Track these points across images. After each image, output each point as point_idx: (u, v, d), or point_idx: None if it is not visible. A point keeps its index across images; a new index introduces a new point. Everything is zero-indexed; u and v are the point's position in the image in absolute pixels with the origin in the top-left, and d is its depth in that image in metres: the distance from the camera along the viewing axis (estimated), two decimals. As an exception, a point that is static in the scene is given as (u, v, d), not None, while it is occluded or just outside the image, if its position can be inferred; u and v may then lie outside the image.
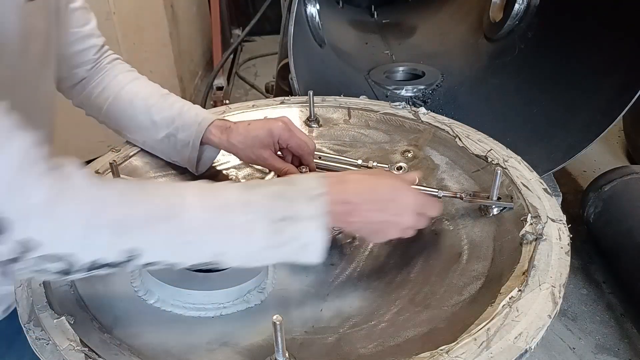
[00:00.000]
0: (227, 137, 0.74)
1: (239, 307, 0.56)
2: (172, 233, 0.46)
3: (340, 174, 0.56)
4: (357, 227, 0.55)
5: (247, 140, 0.73)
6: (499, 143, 0.77)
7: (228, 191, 0.50)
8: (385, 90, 1.58)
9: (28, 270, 0.43)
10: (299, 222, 0.49)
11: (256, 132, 0.73)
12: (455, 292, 0.56)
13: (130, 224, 0.45)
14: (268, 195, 0.50)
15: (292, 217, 0.49)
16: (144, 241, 0.45)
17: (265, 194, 0.50)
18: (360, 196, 0.53)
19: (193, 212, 0.47)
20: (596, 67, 1.27)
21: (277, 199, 0.49)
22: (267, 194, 0.50)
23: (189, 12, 2.71)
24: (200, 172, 0.78)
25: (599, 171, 1.70)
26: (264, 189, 0.50)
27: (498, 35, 1.60)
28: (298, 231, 0.49)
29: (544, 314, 0.48)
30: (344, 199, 0.52)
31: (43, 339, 0.50)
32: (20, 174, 0.41)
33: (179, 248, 0.47)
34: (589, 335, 1.38)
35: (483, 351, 0.45)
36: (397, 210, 0.55)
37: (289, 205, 0.49)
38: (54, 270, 0.44)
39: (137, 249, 0.45)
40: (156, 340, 0.52)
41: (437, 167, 0.78)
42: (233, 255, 0.49)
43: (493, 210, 0.65)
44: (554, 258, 0.55)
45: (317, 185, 0.51)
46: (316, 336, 0.52)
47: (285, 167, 0.73)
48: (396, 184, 0.56)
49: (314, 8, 1.60)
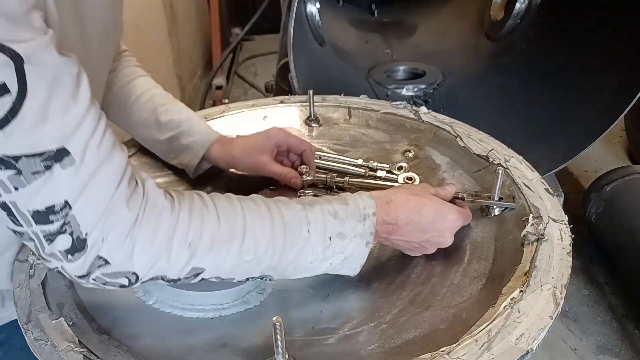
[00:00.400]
0: (227, 149, 0.75)
1: (239, 308, 0.56)
2: (233, 254, 0.49)
3: (388, 193, 0.58)
4: (397, 244, 0.59)
5: (246, 148, 0.74)
6: (500, 143, 0.77)
7: (290, 209, 0.52)
8: (386, 89, 1.58)
9: (96, 283, 0.46)
10: (347, 239, 0.53)
11: (254, 139, 0.75)
12: (457, 293, 0.56)
13: (199, 248, 0.47)
14: (324, 214, 0.52)
15: (343, 234, 0.52)
16: (208, 262, 0.48)
17: (322, 212, 0.52)
18: (405, 218, 0.56)
19: (254, 231, 0.49)
20: (598, 67, 1.27)
21: (332, 218, 0.52)
22: (324, 213, 0.52)
23: (188, 11, 2.70)
24: (194, 177, 0.78)
25: (601, 171, 1.69)
26: (321, 206, 0.53)
27: (499, 34, 1.60)
28: (345, 246, 0.53)
29: (545, 315, 0.48)
30: (390, 219, 0.55)
31: (42, 339, 0.50)
32: (116, 196, 0.43)
33: (237, 267, 0.50)
34: (590, 336, 1.38)
35: (484, 352, 0.45)
36: (439, 232, 0.58)
37: (342, 224, 0.52)
38: (119, 284, 0.47)
39: (200, 269, 0.48)
40: (155, 341, 0.52)
41: (438, 167, 0.77)
42: (283, 269, 0.52)
43: (494, 211, 0.65)
44: (555, 258, 0.54)
45: (368, 205, 0.54)
46: (316, 337, 0.52)
47: (284, 170, 0.73)
48: (441, 207, 0.58)
49: (314, 7, 1.60)
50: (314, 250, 0.52)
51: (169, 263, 0.46)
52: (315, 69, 1.47)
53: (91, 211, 0.43)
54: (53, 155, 0.40)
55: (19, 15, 0.38)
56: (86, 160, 0.42)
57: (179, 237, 0.46)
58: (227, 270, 0.50)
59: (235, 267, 0.50)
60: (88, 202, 0.42)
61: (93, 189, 0.42)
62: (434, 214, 0.57)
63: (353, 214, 0.53)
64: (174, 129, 0.76)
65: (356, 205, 0.54)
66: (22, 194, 0.41)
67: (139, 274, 0.46)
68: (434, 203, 0.58)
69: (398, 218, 0.55)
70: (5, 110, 0.38)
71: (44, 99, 0.39)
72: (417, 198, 0.57)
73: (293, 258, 0.51)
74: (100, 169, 0.43)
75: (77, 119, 0.41)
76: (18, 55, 0.37)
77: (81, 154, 0.42)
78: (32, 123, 0.39)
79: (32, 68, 0.38)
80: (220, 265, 0.49)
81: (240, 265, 0.50)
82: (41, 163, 0.40)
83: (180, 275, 0.48)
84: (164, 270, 0.47)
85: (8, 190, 0.40)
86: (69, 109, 0.41)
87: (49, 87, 0.39)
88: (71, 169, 0.41)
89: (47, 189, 0.41)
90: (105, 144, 0.43)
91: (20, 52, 0.37)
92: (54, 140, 0.40)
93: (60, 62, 0.41)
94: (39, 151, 0.40)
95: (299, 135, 0.89)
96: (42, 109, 0.39)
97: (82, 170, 0.42)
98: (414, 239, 0.58)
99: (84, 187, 0.42)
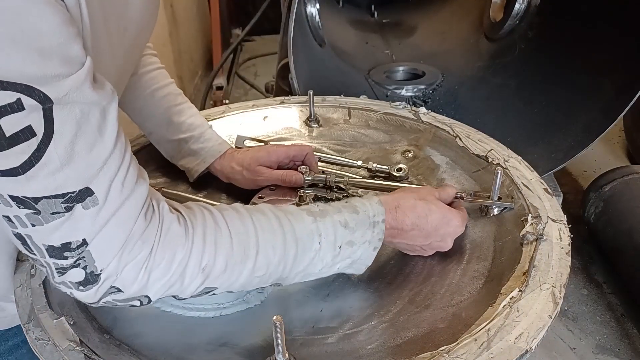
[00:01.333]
0: (228, 162, 0.75)
1: (239, 307, 0.56)
2: (246, 273, 0.49)
3: (396, 198, 0.58)
4: (398, 246, 0.60)
5: (245, 162, 0.74)
6: (499, 143, 0.77)
7: (301, 222, 0.52)
8: (386, 90, 1.58)
9: (107, 305, 0.46)
10: (355, 245, 0.53)
11: (254, 153, 0.75)
12: (456, 293, 0.56)
13: (213, 271, 0.47)
14: (335, 225, 0.53)
15: (353, 242, 0.53)
16: (221, 283, 0.49)
17: (333, 223, 0.53)
18: (411, 224, 0.57)
19: (266, 249, 0.49)
20: (597, 67, 1.27)
21: (343, 228, 0.53)
22: (335, 223, 0.53)
23: (189, 12, 2.70)
24: (193, 181, 0.78)
25: (600, 171, 1.69)
26: (332, 217, 0.53)
27: (499, 34, 1.60)
28: (353, 252, 0.54)
29: (544, 314, 0.48)
30: (397, 224, 0.56)
31: (43, 339, 0.50)
32: (133, 231, 0.42)
33: (249, 283, 0.50)
34: (589, 336, 1.38)
35: (483, 351, 0.45)
36: (442, 237, 0.59)
37: (352, 232, 0.53)
38: (131, 305, 0.46)
39: (212, 288, 0.49)
40: (156, 340, 0.52)
41: (437, 167, 0.78)
42: (292, 278, 0.53)
43: (494, 211, 0.65)
44: (554, 258, 0.55)
45: (377, 212, 0.55)
46: (316, 336, 0.52)
47: (283, 172, 0.73)
48: (446, 213, 0.59)
49: (314, 7, 1.60)
50: (323, 259, 0.52)
51: (182, 286, 0.47)
52: (315, 69, 1.47)
53: (108, 249, 0.42)
54: (75, 197, 0.39)
55: (55, 48, 0.35)
56: (109, 199, 0.41)
57: (193, 264, 0.46)
58: (239, 286, 0.50)
59: (247, 283, 0.50)
60: (106, 239, 0.41)
61: (112, 227, 0.41)
62: (439, 220, 0.58)
63: (363, 222, 0.54)
64: (186, 132, 0.75)
65: (366, 213, 0.54)
66: (38, 230, 0.39)
67: (152, 297, 0.46)
68: (439, 209, 0.59)
69: (404, 224, 0.56)
70: (29, 154, 0.36)
71: (71, 140, 0.37)
72: (424, 203, 0.58)
73: (303, 268, 0.52)
74: (123, 206, 0.42)
75: (103, 157, 0.40)
76: (48, 99, 0.35)
77: (105, 194, 0.40)
78: (57, 166, 0.37)
79: (61, 109, 0.36)
80: (233, 283, 0.49)
81: (252, 281, 0.50)
82: (62, 205, 0.39)
83: (192, 294, 0.48)
84: (177, 292, 0.47)
85: (24, 225, 0.39)
86: (94, 146, 0.39)
87: (76, 126, 0.38)
88: (94, 209, 0.40)
89: (66, 228, 0.40)
90: (129, 179, 0.42)
91: (51, 95, 0.35)
92: (78, 182, 0.39)
93: (93, 99, 0.39)
94: (61, 193, 0.38)
95: (298, 135, 0.89)
96: (69, 151, 0.37)
97: (104, 209, 0.40)
98: (416, 243, 0.59)
99: (104, 225, 0.41)
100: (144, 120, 0.77)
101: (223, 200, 0.76)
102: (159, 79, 0.77)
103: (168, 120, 0.75)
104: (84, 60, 0.38)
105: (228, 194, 0.77)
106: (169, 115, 0.75)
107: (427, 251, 0.60)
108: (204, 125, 0.77)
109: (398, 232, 0.57)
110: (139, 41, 0.60)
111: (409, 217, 0.56)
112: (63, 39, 0.36)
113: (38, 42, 0.34)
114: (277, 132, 0.90)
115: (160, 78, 0.77)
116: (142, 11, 0.54)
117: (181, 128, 0.75)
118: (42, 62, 0.35)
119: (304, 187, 0.73)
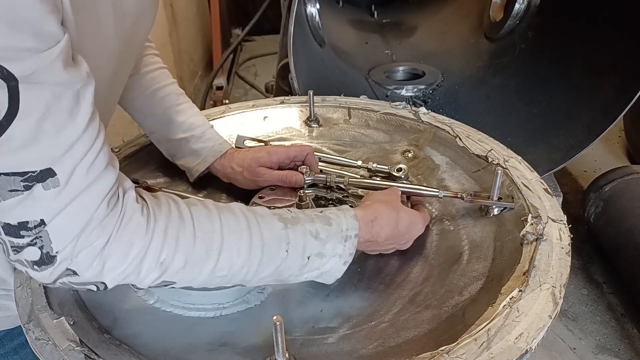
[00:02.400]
0: (228, 162, 0.75)
1: (239, 307, 0.56)
2: (206, 272, 0.48)
3: (372, 210, 0.58)
4: (368, 251, 0.61)
5: (245, 162, 0.73)
6: (499, 143, 0.77)
7: (270, 226, 0.51)
8: (386, 90, 1.58)
9: (63, 287, 0.45)
10: (325, 258, 0.53)
11: (254, 153, 0.74)
12: (456, 293, 0.56)
13: (171, 267, 0.46)
14: (306, 234, 0.52)
15: (322, 253, 0.52)
16: (179, 278, 0.48)
17: (304, 232, 0.52)
18: (385, 236, 0.58)
19: (230, 251, 0.49)
20: (597, 67, 1.27)
21: (313, 239, 0.52)
22: (305, 233, 0.52)
23: (189, 12, 2.70)
24: (193, 180, 0.78)
25: (600, 171, 1.70)
26: (303, 226, 0.52)
27: (498, 35, 1.60)
28: (322, 264, 0.53)
29: (544, 315, 0.48)
30: (372, 238, 0.57)
31: (43, 339, 0.50)
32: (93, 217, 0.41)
33: (209, 282, 0.50)
34: (589, 336, 1.38)
35: (483, 351, 0.45)
36: (406, 240, 0.61)
37: (322, 244, 0.52)
38: (87, 289, 0.45)
39: (171, 282, 0.48)
40: (155, 340, 0.52)
41: (437, 167, 0.78)
42: (257, 281, 0.52)
43: (494, 211, 0.65)
44: (554, 258, 0.55)
45: (351, 226, 0.54)
46: (316, 336, 0.52)
47: (283, 173, 0.72)
48: (412, 219, 0.61)
49: (314, 7, 1.60)
50: (290, 268, 0.52)
51: (139, 278, 0.46)
52: (315, 69, 1.47)
53: (66, 232, 0.41)
54: (36, 176, 0.38)
55: (27, 21, 0.34)
56: (72, 182, 0.39)
57: (151, 257, 0.45)
58: (199, 283, 0.49)
59: (208, 282, 0.49)
60: (65, 222, 0.40)
61: (73, 211, 0.40)
62: (407, 227, 0.60)
63: (335, 234, 0.53)
64: (187, 131, 0.75)
65: (339, 226, 0.53)
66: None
67: (108, 284, 0.45)
68: (407, 215, 0.60)
69: (379, 236, 0.57)
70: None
71: (38, 120, 0.36)
72: (395, 212, 0.59)
73: (268, 274, 0.51)
74: (85, 191, 0.40)
75: (70, 141, 0.39)
76: (11, 76, 0.34)
77: (67, 176, 0.39)
78: (19, 144, 0.36)
79: (28, 88, 0.35)
80: (192, 280, 0.49)
81: (213, 280, 0.50)
82: (21, 183, 0.37)
83: (150, 286, 0.47)
84: (134, 282, 0.46)
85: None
86: (64, 129, 0.38)
87: (45, 107, 0.36)
88: (54, 190, 0.39)
89: (23, 207, 0.38)
90: (97, 165, 0.41)
91: (16, 73, 0.34)
92: (40, 162, 0.38)
93: (64, 79, 0.37)
94: (20, 171, 0.37)
95: (298, 135, 0.89)
96: (34, 130, 0.36)
97: (65, 192, 0.39)
98: (384, 248, 0.60)
99: (64, 208, 0.40)
100: (145, 119, 0.77)
101: (223, 200, 0.76)
102: (160, 79, 0.76)
103: (169, 120, 0.75)
104: (60, 38, 0.37)
105: (228, 194, 0.77)
106: (170, 114, 0.75)
107: (388, 251, 0.62)
108: (205, 125, 0.77)
109: (372, 243, 0.58)
110: (139, 29, 0.59)
111: (384, 230, 0.57)
112: (37, 12, 0.35)
113: (10, 13, 0.33)
114: (277, 132, 0.90)
115: (162, 78, 0.77)
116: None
117: (182, 127, 0.75)
118: (11, 34, 0.34)
119: (304, 187, 0.73)
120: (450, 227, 0.66)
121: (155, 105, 0.75)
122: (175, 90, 0.77)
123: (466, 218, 0.67)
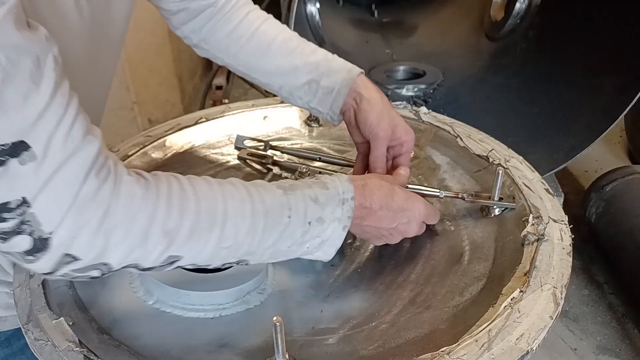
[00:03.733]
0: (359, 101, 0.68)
1: (239, 308, 0.56)
2: (213, 241, 0.47)
3: (362, 177, 0.57)
4: (367, 230, 0.58)
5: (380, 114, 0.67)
6: (500, 143, 0.77)
7: (271, 193, 0.50)
8: (386, 89, 1.58)
9: (64, 278, 0.44)
10: (325, 223, 0.52)
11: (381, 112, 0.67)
12: (457, 293, 0.56)
13: (178, 237, 0.44)
14: (305, 199, 0.51)
15: (322, 218, 0.52)
16: (186, 251, 0.46)
17: (304, 197, 0.51)
18: (379, 202, 0.56)
19: (235, 219, 0.47)
20: (598, 67, 1.27)
21: (313, 203, 0.51)
22: (305, 197, 0.51)
23: (190, 12, 2.70)
24: (338, 125, 0.74)
25: (601, 171, 1.69)
26: (302, 191, 0.52)
27: (499, 34, 1.60)
28: (323, 230, 0.52)
29: (545, 315, 0.48)
30: (366, 203, 0.55)
31: (42, 339, 0.50)
32: (84, 190, 0.39)
33: (216, 254, 0.48)
34: (590, 336, 1.38)
35: (484, 352, 0.45)
36: (407, 219, 0.58)
37: (322, 208, 0.52)
38: (89, 277, 0.44)
39: (177, 257, 0.46)
40: (155, 341, 0.52)
41: (438, 167, 0.77)
42: (260, 254, 0.51)
43: (494, 211, 0.65)
44: (555, 259, 0.54)
45: (347, 189, 0.53)
46: (316, 337, 0.52)
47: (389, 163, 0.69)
48: (409, 195, 0.59)
49: (314, 7, 1.60)
50: (293, 235, 0.51)
51: (145, 253, 0.43)
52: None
53: (54, 209, 0.38)
54: (7, 150, 0.35)
55: None
56: (50, 154, 0.37)
57: (157, 227, 0.43)
58: (205, 257, 0.48)
59: (214, 254, 0.48)
60: (51, 199, 0.38)
61: (57, 185, 0.38)
62: (403, 200, 0.58)
63: (332, 197, 0.52)
64: (312, 71, 0.70)
65: (335, 189, 0.53)
66: None
67: (113, 264, 0.43)
68: (402, 191, 0.59)
69: (373, 202, 0.55)
70: None
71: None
72: (388, 184, 0.58)
73: (272, 243, 0.50)
74: (67, 163, 0.38)
75: (38, 109, 0.36)
76: None
77: (43, 148, 0.37)
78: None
79: None
80: (199, 252, 0.47)
81: (219, 252, 0.48)
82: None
83: (155, 264, 0.45)
84: (139, 260, 0.44)
85: None
86: (27, 96, 0.35)
87: (2, 72, 0.34)
88: (31, 164, 0.36)
89: (1, 185, 0.36)
90: (74, 134, 0.38)
91: None
92: (9, 133, 0.35)
93: (18, 42, 0.35)
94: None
95: (298, 135, 0.89)
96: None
97: (44, 166, 0.37)
98: (384, 225, 0.57)
99: (46, 183, 0.37)
100: (270, 76, 0.73)
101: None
102: (269, 32, 0.72)
103: (292, 66, 0.71)
104: None
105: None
106: (291, 60, 0.71)
107: (394, 236, 0.59)
108: (328, 57, 0.72)
109: (367, 211, 0.55)
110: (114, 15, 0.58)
111: (376, 195, 0.55)
112: None
113: None
114: (277, 132, 0.90)
115: (273, 29, 0.73)
116: None
117: (306, 69, 0.70)
118: None
119: None
120: (451, 228, 0.66)
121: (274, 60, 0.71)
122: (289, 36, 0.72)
123: (467, 218, 0.66)
